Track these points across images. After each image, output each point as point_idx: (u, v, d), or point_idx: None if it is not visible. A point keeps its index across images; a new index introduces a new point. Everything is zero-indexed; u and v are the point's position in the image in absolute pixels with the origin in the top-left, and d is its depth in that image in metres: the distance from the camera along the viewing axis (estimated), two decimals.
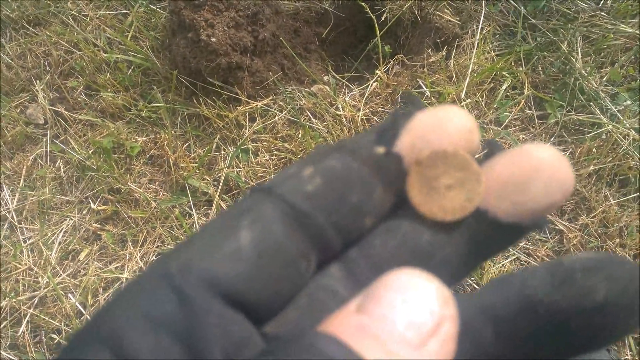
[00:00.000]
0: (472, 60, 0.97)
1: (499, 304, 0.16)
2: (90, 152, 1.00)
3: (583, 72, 0.95)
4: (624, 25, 0.97)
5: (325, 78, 1.02)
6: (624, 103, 0.93)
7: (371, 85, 0.98)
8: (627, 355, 0.82)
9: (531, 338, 0.15)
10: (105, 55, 1.06)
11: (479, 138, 0.18)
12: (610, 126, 0.91)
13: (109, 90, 1.03)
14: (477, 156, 0.18)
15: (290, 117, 0.98)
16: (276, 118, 0.97)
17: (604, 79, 0.96)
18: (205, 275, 0.15)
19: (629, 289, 0.15)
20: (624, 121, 0.91)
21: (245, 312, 0.15)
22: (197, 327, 0.14)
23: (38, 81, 1.09)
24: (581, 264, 0.15)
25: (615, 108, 0.93)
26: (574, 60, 0.96)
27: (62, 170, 1.02)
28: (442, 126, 0.17)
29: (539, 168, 0.16)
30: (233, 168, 0.95)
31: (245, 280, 0.15)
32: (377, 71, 0.98)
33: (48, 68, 1.10)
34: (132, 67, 1.05)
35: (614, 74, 0.95)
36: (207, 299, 0.14)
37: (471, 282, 0.88)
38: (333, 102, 0.98)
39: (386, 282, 0.14)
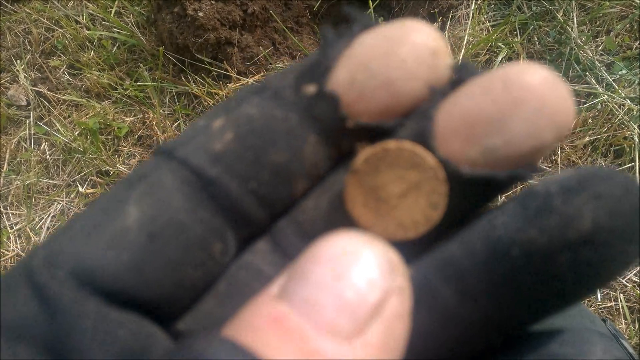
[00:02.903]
0: (467, 32, 0.96)
1: (461, 255, 0.12)
2: (75, 133, 0.97)
3: (579, 41, 0.94)
4: None
5: None
6: (620, 72, 0.92)
7: None
8: (621, 324, 0.83)
9: (505, 291, 0.12)
10: (88, 32, 1.02)
11: (447, 63, 0.13)
12: (605, 96, 0.90)
13: (93, 69, 1.00)
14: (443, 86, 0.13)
15: None
16: None
17: (600, 48, 0.95)
18: (75, 268, 0.12)
19: (622, 208, 0.11)
20: (619, 91, 0.91)
21: (141, 310, 0.12)
22: (67, 333, 0.11)
23: (18, 61, 1.05)
24: (558, 185, 0.12)
25: (610, 78, 0.92)
26: (569, 29, 0.94)
27: (47, 153, 0.99)
28: (393, 50, 0.12)
29: (521, 98, 0.12)
30: None
31: (131, 271, 0.12)
32: None
33: (29, 47, 1.05)
34: (117, 45, 1.01)
35: (609, 43, 0.94)
36: (77, 298, 0.11)
37: None
38: None
39: (314, 252, 0.11)
